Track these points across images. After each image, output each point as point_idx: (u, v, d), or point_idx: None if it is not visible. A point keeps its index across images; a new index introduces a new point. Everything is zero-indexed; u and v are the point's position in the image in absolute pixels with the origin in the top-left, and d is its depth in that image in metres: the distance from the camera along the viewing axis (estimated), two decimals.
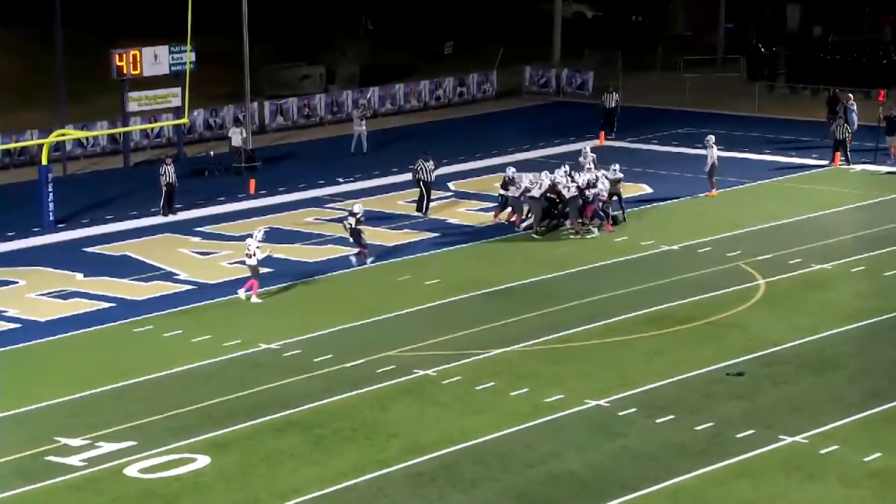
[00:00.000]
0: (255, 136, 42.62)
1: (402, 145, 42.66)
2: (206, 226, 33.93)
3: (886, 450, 20.25)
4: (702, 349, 24.64)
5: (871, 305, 26.66)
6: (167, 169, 34.68)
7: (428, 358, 24.44)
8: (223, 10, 47.35)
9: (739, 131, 42.10)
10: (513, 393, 22.76)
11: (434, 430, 21.32)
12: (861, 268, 29.28)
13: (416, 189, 34.72)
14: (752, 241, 31.35)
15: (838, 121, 38.46)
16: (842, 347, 24.68)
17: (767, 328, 25.61)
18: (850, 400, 22.16)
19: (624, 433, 21.12)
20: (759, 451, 20.33)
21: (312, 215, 34.80)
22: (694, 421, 21.37)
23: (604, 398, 22.38)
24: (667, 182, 36.96)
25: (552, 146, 41.96)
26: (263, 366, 24.31)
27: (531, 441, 20.91)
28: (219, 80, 46.77)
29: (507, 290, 28.33)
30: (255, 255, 27.72)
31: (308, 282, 29.31)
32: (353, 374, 23.79)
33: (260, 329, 26.14)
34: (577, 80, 50.73)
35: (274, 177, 38.76)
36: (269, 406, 22.37)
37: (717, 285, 28.11)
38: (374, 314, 26.92)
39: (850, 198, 34.95)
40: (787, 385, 22.95)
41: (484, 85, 50.32)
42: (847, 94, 41.73)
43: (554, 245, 31.60)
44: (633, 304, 27.01)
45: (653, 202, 34.96)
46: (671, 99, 48.26)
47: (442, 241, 32.25)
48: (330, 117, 46.53)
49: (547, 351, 24.83)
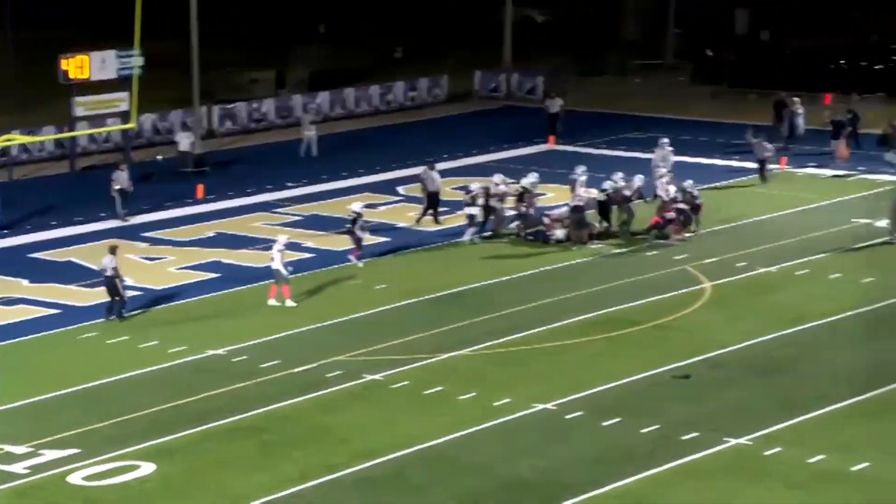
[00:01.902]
0: (203, 141, 42.39)
1: (352, 150, 42.63)
2: (154, 231, 33.74)
3: (830, 451, 20.44)
4: (649, 352, 24.78)
5: (816, 308, 26.91)
6: (119, 175, 34.45)
7: (377, 363, 24.42)
8: (172, 14, 47.12)
9: (688, 135, 42.35)
10: (461, 397, 22.79)
11: (383, 435, 21.31)
12: (806, 271, 29.56)
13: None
14: (699, 244, 31.55)
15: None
16: (787, 350, 24.89)
17: (713, 331, 25.79)
18: (795, 402, 22.36)
19: (571, 436, 21.20)
20: (704, 454, 20.46)
21: (261, 220, 34.69)
22: (640, 424, 21.49)
23: (552, 402, 22.45)
24: None
25: (503, 150, 42.06)
26: (210, 371, 24.21)
27: (480, 445, 20.95)
28: (167, 84, 46.52)
29: (456, 295, 28.36)
30: (276, 259, 27.35)
31: (256, 287, 29.20)
32: (301, 379, 23.73)
33: (207, 335, 26.02)
34: (527, 85, 50.90)
35: (223, 181, 38.59)
36: (216, 412, 22.27)
37: (664, 288, 28.29)
38: (322, 319, 26.86)
39: (796, 201, 35.27)
40: (732, 387, 23.13)
41: (435, 89, 50.37)
42: (794, 98, 42.12)
43: (503, 249, 31.66)
44: (581, 308, 27.12)
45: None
46: (621, 103, 48.51)
47: (391, 245, 32.24)
48: (280, 122, 46.39)
49: (495, 355, 24.87)
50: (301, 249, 31.95)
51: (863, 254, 30.78)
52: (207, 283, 29.56)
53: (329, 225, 33.97)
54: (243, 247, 32.26)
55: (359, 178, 39.05)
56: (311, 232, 33.37)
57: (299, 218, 34.39)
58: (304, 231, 33.35)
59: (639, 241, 31.58)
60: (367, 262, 30.61)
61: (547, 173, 36.27)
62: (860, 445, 20.66)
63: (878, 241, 31.56)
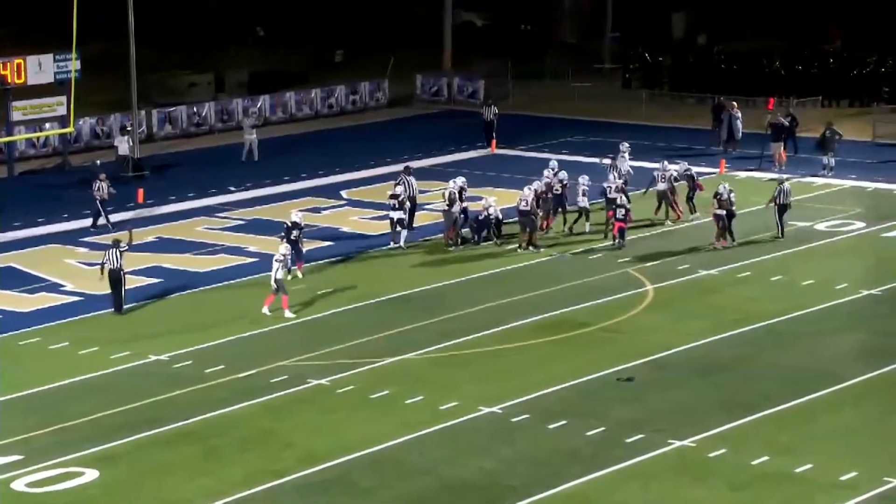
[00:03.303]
0: (142, 145, 42.13)
1: (294, 154, 42.50)
2: (94, 236, 33.43)
3: (773, 452, 20.66)
4: (594, 354, 24.93)
5: (758, 309, 27.19)
6: (101, 185, 34.04)
7: (322, 367, 24.37)
8: (109, 17, 46.72)
9: (628, 139, 42.61)
10: (408, 401, 22.80)
11: (329, 440, 21.27)
12: (747, 273, 29.87)
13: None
14: (642, 247, 31.79)
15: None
16: (730, 351, 25.13)
17: (657, 333, 25.99)
18: (739, 403, 22.57)
19: (517, 439, 21.27)
20: (648, 455, 20.60)
21: (203, 224, 34.50)
22: (586, 426, 21.61)
23: (498, 405, 22.52)
24: None
25: (445, 154, 42.13)
26: (153, 377, 24.05)
27: (426, 448, 20.97)
28: (105, 88, 46.14)
29: (401, 299, 28.36)
30: (275, 269, 27.11)
31: (199, 292, 29.01)
32: (245, 384, 23.63)
33: (149, 340, 25.84)
34: (469, 89, 51.02)
35: (163, 186, 38.37)
36: (159, 418, 22.14)
37: (607, 291, 28.47)
38: (266, 324, 26.77)
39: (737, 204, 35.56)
40: (676, 389, 23.31)
41: (376, 93, 50.36)
42: (731, 102, 42.55)
43: (448, 253, 31.70)
44: (526, 311, 27.22)
45: None
46: (560, 107, 48.76)
47: (335, 249, 32.18)
48: (220, 125, 46.17)
49: (442, 358, 24.91)
50: (243, 254, 31.82)
51: (803, 256, 31.15)
52: (149, 288, 29.35)
53: (272, 229, 33.83)
54: (185, 251, 32.05)
55: (301, 183, 38.94)
56: (254, 236, 33.23)
57: (241, 222, 34.22)
58: (245, 235, 33.18)
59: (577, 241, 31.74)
60: (311, 265, 30.50)
61: (492, 178, 36.39)
62: (803, 447, 20.88)
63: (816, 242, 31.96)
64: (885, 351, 24.83)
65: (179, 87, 48.71)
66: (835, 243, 32.14)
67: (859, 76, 48.32)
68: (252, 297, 28.61)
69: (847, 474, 19.86)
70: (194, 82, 49.13)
